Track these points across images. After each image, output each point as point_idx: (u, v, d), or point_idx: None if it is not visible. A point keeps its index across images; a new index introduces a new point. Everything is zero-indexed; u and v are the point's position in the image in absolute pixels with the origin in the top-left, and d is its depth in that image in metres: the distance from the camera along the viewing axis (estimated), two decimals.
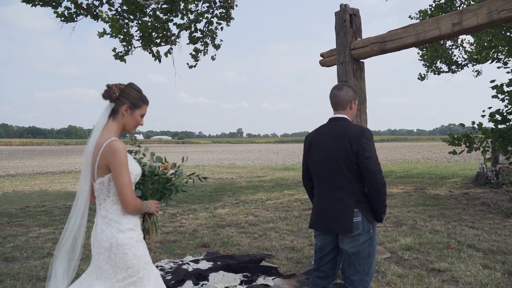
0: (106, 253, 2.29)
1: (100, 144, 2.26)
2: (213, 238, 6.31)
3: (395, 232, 6.22)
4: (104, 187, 2.30)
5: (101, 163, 2.26)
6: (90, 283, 2.31)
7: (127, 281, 2.31)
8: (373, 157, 2.62)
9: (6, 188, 14.75)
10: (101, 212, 2.34)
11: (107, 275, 2.29)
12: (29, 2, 9.19)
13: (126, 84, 2.43)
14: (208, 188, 13.44)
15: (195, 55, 12.52)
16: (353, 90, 2.91)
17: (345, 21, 4.67)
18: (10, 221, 8.09)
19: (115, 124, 2.38)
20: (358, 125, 2.84)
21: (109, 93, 2.36)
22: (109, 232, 2.29)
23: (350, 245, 2.68)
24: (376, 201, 2.66)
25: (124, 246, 2.29)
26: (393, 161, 26.38)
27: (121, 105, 2.37)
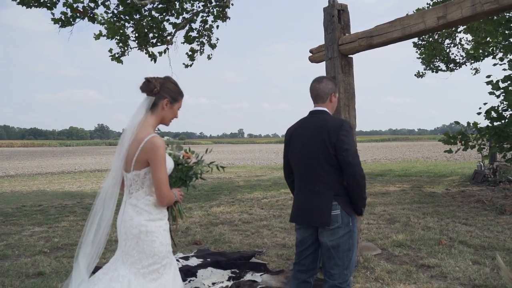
0: (134, 239, 2.36)
1: (140, 139, 2.32)
2: (205, 236, 6.30)
3: (388, 229, 6.20)
4: (139, 179, 2.37)
5: (141, 157, 2.32)
6: (116, 268, 2.37)
7: (151, 268, 2.37)
8: (351, 149, 2.60)
9: (4, 188, 14.75)
10: (131, 201, 2.41)
11: (133, 260, 2.35)
12: (24, 4, 9.20)
13: (164, 78, 2.48)
14: (206, 187, 13.42)
15: (191, 55, 12.52)
16: (333, 83, 2.89)
17: (333, 16, 4.65)
18: (5, 220, 8.10)
19: (153, 118, 2.44)
20: (338, 117, 2.83)
21: (150, 87, 2.40)
22: (139, 220, 2.36)
23: (329, 238, 2.67)
24: (355, 194, 2.64)
25: (153, 233, 2.37)
26: (392, 160, 26.35)
27: (161, 99, 2.43)
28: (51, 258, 5.19)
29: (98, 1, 10.67)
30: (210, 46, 12.79)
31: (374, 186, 11.98)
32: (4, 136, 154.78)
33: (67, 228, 7.11)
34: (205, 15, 12.28)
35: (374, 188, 11.47)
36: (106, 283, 2.31)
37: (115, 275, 2.33)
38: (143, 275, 2.35)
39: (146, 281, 2.35)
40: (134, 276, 2.33)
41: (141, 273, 2.35)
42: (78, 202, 10.37)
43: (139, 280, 2.33)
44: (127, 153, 2.37)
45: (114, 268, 2.37)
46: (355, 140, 2.70)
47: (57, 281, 4.29)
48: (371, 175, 15.70)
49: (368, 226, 6.52)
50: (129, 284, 2.31)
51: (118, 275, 2.33)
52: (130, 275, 2.33)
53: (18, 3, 9.07)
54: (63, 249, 5.68)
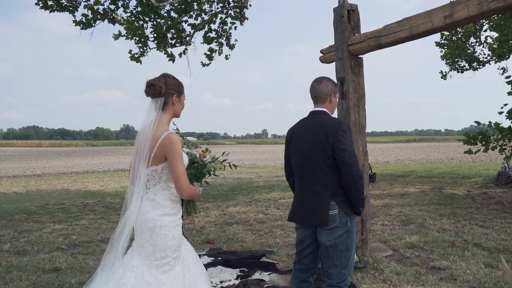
0: (148, 232, 2.48)
1: (158, 136, 2.45)
2: (219, 235, 6.37)
3: (402, 231, 6.14)
4: (157, 174, 2.51)
5: (158, 153, 2.46)
6: (131, 258, 2.50)
7: (164, 261, 2.49)
8: (349, 149, 2.61)
9: (30, 187, 15.22)
10: (148, 196, 2.53)
11: (147, 252, 2.48)
12: (47, 9, 9.49)
13: (163, 76, 2.59)
14: (225, 187, 13.53)
15: (209, 55, 12.62)
16: (333, 83, 2.90)
17: (342, 16, 4.64)
18: (28, 217, 8.37)
19: (166, 116, 2.57)
20: (336, 118, 2.83)
21: (157, 90, 2.52)
22: (154, 214, 2.49)
23: (327, 238, 2.68)
24: (352, 194, 2.64)
25: (166, 228, 2.50)
26: (415, 161, 25.92)
27: (170, 96, 2.56)
28: (68, 255, 5.35)
29: (118, 3, 10.91)
30: (228, 46, 12.86)
31: (394, 187, 11.83)
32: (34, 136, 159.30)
33: (86, 226, 7.30)
34: (223, 16, 12.38)
35: (393, 189, 11.33)
36: (122, 272, 2.45)
37: (130, 265, 2.48)
38: (156, 267, 2.47)
39: (159, 273, 2.47)
40: (147, 267, 2.46)
41: (154, 265, 2.47)
42: (99, 201, 10.61)
43: (152, 271, 2.46)
44: (147, 150, 2.50)
45: (130, 259, 2.51)
46: (352, 141, 2.69)
47: (71, 277, 4.43)
48: (392, 176, 15.51)
49: (382, 227, 6.47)
50: (142, 274, 2.44)
51: (133, 265, 2.47)
52: (143, 266, 2.47)
53: (41, 7, 9.36)
54: (80, 246, 5.84)
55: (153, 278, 2.44)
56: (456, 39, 15.30)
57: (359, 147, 4.62)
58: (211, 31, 12.21)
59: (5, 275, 4.57)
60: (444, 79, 17.51)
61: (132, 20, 10.88)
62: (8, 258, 5.26)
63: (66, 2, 9.71)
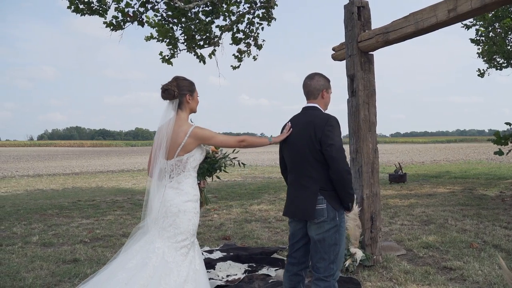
0: (172, 217, 2.74)
1: (186, 131, 2.77)
2: (236, 232, 6.46)
3: (420, 230, 6.02)
4: (182, 164, 2.80)
5: (187, 145, 2.77)
6: (152, 240, 2.74)
7: (183, 243, 2.74)
8: (336, 144, 2.62)
9: (67, 184, 15.88)
10: (172, 184, 2.80)
11: (168, 235, 2.73)
12: (78, 12, 9.88)
13: (174, 80, 2.88)
14: (253, 186, 13.63)
15: (239, 57, 12.73)
16: (325, 79, 2.92)
17: (352, 13, 4.62)
18: (60, 212, 8.77)
19: (184, 113, 2.88)
20: (325, 113, 2.84)
21: (171, 93, 2.82)
22: (179, 200, 2.76)
23: (316, 232, 2.70)
24: (340, 188, 2.66)
25: (189, 213, 2.78)
26: (452, 162, 25.12)
27: (183, 97, 2.86)
28: (89, 247, 5.59)
29: (147, 6, 11.21)
30: (256, 46, 12.92)
31: (423, 188, 11.56)
32: (76, 137, 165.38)
33: (111, 221, 7.58)
34: (251, 16, 12.47)
35: (421, 190, 11.08)
36: (144, 254, 2.69)
37: (151, 247, 2.71)
38: (175, 249, 2.71)
39: (178, 254, 2.71)
40: (167, 249, 2.70)
41: (174, 247, 2.71)
42: (128, 198, 10.96)
43: (171, 253, 2.70)
44: (169, 144, 2.78)
45: (151, 241, 2.73)
46: (340, 136, 2.70)
47: (87, 267, 4.64)
48: (425, 176, 15.14)
49: (401, 226, 6.36)
50: (163, 255, 2.68)
51: (154, 247, 2.71)
52: (164, 247, 2.70)
53: (73, 11, 9.76)
54: (101, 240, 6.08)
55: (172, 258, 2.68)
56: (493, 35, 14.75)
57: (369, 144, 4.58)
58: (239, 32, 12.33)
59: (28, 264, 4.84)
60: (481, 77, 16.91)
61: (162, 23, 11.14)
62: (34, 249, 5.56)
63: (96, 5, 10.07)
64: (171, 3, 10.86)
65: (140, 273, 2.55)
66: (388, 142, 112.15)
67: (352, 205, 2.75)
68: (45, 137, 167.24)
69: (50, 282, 4.20)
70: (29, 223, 7.52)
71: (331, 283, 2.68)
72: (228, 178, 17.19)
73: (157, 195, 2.79)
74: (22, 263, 4.87)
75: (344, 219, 2.78)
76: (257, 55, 13.02)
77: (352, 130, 4.67)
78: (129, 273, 2.55)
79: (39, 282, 4.20)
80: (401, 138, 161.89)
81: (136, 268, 2.58)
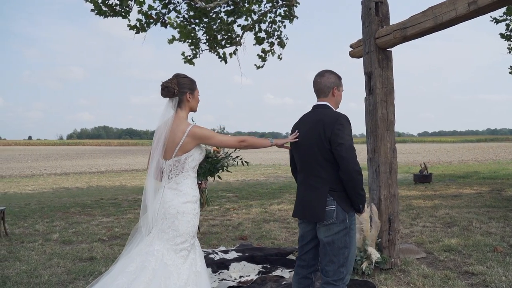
0: (171, 219, 2.67)
1: (183, 130, 2.68)
2: (253, 232, 6.41)
3: (442, 233, 5.82)
4: (180, 164, 2.71)
5: (185, 144, 2.68)
6: (151, 243, 2.68)
7: (182, 246, 2.67)
8: (346, 143, 2.52)
9: (92, 183, 16.19)
10: (170, 185, 2.73)
11: (167, 237, 2.66)
12: (101, 14, 10.03)
13: (175, 76, 2.80)
14: (275, 186, 13.56)
15: (263, 57, 12.66)
16: (335, 76, 2.82)
17: (370, 9, 4.49)
18: (82, 210, 8.92)
19: (184, 112, 2.79)
20: (336, 111, 2.74)
21: (171, 91, 2.74)
22: (177, 202, 2.69)
23: (325, 234, 2.61)
24: (350, 189, 2.56)
25: (188, 214, 2.70)
26: (481, 162, 24.39)
27: (183, 95, 2.77)
28: (106, 245, 5.64)
29: (169, 7, 11.29)
30: (279, 45, 12.82)
31: (449, 188, 11.25)
32: (104, 136, 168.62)
33: (130, 219, 7.65)
34: (273, 15, 12.39)
35: (447, 190, 10.77)
36: (143, 257, 2.64)
37: (150, 249, 2.65)
38: (175, 251, 2.65)
39: (177, 257, 2.65)
40: (167, 251, 2.63)
41: (173, 249, 2.64)
42: None
43: (171, 255, 2.63)
44: (167, 144, 2.70)
45: (150, 244, 2.68)
46: (350, 135, 2.60)
47: (103, 265, 4.66)
48: (452, 177, 14.75)
49: (422, 228, 6.17)
50: (162, 257, 2.62)
51: (153, 249, 2.65)
52: (163, 250, 2.63)
53: (96, 13, 9.91)
54: (119, 238, 6.13)
55: (171, 261, 2.62)
56: None
57: (387, 144, 4.45)
58: (261, 31, 12.27)
59: (46, 261, 4.91)
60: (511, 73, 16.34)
61: (184, 24, 11.18)
62: (54, 247, 5.65)
63: (119, 8, 10.19)
64: (192, 4, 10.90)
65: (140, 277, 2.50)
66: (415, 141, 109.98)
67: (363, 207, 2.65)
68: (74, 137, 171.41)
69: (65, 280, 4.24)
70: (52, 220, 7.67)
71: (340, 287, 2.59)
72: (250, 178, 17.18)
73: (156, 195, 2.74)
74: (40, 260, 4.95)
75: (355, 221, 2.68)
76: (281, 54, 12.92)
77: (370, 129, 4.54)
78: (129, 277, 2.51)
79: (55, 280, 4.24)
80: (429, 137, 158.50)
81: (135, 272, 2.54)
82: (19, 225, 7.31)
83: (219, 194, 11.40)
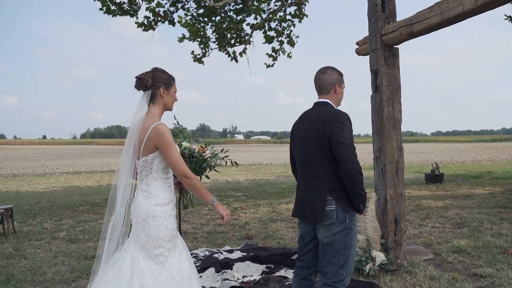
0: (142, 223, 2.53)
1: (146, 128, 2.49)
2: (260, 231, 6.36)
3: (451, 234, 5.71)
4: (148, 165, 2.54)
5: (148, 144, 2.49)
6: (127, 248, 2.57)
7: (157, 251, 2.51)
8: (345, 142, 2.46)
9: (103, 181, 16.29)
10: (142, 187, 2.58)
11: (141, 242, 2.52)
12: (110, 13, 10.06)
13: (152, 70, 2.64)
14: (284, 185, 13.50)
15: (274, 56, 12.59)
16: (337, 73, 2.76)
17: (376, 5, 4.41)
18: (91, 209, 8.96)
19: (156, 108, 2.60)
20: (336, 109, 2.67)
21: (143, 83, 2.57)
22: (147, 205, 2.52)
23: (324, 235, 2.55)
24: (350, 189, 2.49)
25: (158, 218, 2.52)
26: (495, 162, 23.99)
27: (157, 89, 2.59)
28: None
29: (178, 5, 11.28)
30: (289, 44, 12.74)
31: (461, 188, 11.07)
32: (117, 135, 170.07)
33: None
34: (282, 14, 12.32)
35: (459, 190, 10.59)
36: (120, 264, 2.51)
37: (127, 256, 2.52)
38: (151, 257, 2.50)
39: (154, 263, 2.50)
40: (142, 258, 2.49)
41: (149, 255, 2.50)
42: None
43: (147, 261, 2.49)
44: (137, 142, 2.54)
45: (126, 249, 2.56)
46: (350, 133, 2.53)
47: None
48: (464, 176, 14.52)
49: (431, 229, 6.06)
50: (138, 263, 2.47)
51: (130, 255, 2.51)
52: (139, 256, 2.50)
53: (104, 12, 9.94)
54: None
55: (147, 267, 2.47)
56: None
57: (393, 142, 4.36)
58: (271, 30, 12.20)
59: (51, 259, 4.93)
60: None
61: (193, 23, 11.16)
62: (60, 245, 5.67)
63: (127, 6, 10.22)
64: (201, 2, 10.88)
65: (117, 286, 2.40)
66: (428, 141, 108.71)
67: (363, 207, 2.58)
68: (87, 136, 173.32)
69: (69, 278, 4.25)
70: (60, 219, 7.72)
71: None
72: (260, 177, 17.13)
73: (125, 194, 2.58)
74: (46, 258, 4.97)
75: (355, 221, 2.62)
76: (290, 53, 12.84)
77: (376, 128, 4.46)
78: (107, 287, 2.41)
79: (58, 278, 4.25)
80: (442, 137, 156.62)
81: (113, 281, 2.43)
82: (28, 223, 7.36)
83: (228, 193, 11.38)
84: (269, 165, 25.86)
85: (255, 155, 40.65)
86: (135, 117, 2.60)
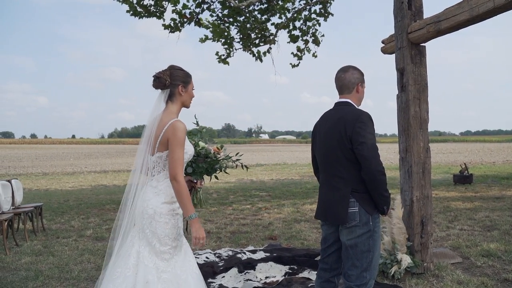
0: (149, 219, 2.52)
1: (164, 124, 2.51)
2: (284, 232, 6.33)
3: (481, 237, 5.54)
4: (161, 161, 2.54)
5: (163, 139, 2.50)
6: (133, 243, 2.57)
7: (163, 248, 2.51)
8: (368, 142, 2.40)
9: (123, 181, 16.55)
10: (152, 183, 2.58)
11: (147, 238, 2.52)
12: (137, 15, 10.22)
13: (169, 68, 2.66)
14: (309, 185, 13.42)
15: (299, 55, 12.52)
16: (359, 72, 2.71)
17: (402, 3, 4.31)
18: (117, 207, 9.05)
19: (174, 106, 2.62)
20: (358, 109, 2.62)
21: (162, 82, 2.59)
22: (155, 201, 2.52)
23: (348, 237, 2.51)
24: (373, 190, 2.44)
25: (166, 216, 2.52)
26: None
27: (175, 87, 2.61)
28: None
29: (203, 6, 11.35)
30: (314, 43, 12.65)
31: (491, 190, 10.74)
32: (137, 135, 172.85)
33: None
34: (307, 13, 12.24)
35: (489, 192, 10.29)
36: (125, 259, 2.52)
37: (132, 250, 2.53)
38: (156, 254, 2.49)
39: (159, 260, 2.49)
40: (148, 253, 2.49)
41: (154, 251, 2.49)
42: None
43: (152, 257, 2.49)
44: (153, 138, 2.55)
45: (132, 244, 2.56)
46: (373, 133, 2.47)
47: None
48: (495, 178, 14.09)
49: (459, 231, 5.90)
50: (143, 259, 2.47)
51: (135, 250, 2.52)
52: (145, 251, 2.50)
53: (131, 14, 10.10)
54: None
55: (152, 264, 2.47)
56: None
57: (420, 143, 4.26)
58: (295, 29, 12.14)
59: (78, 257, 5.04)
60: None
61: (218, 23, 11.19)
62: (86, 243, 5.79)
63: (153, 8, 10.35)
64: (226, 2, 10.91)
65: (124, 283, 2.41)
66: (457, 141, 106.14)
67: (387, 208, 2.52)
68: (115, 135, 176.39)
69: (94, 276, 4.32)
70: (87, 217, 7.88)
71: None
72: (285, 177, 17.09)
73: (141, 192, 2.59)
74: (72, 256, 5.08)
75: (379, 224, 2.56)
76: (315, 52, 12.74)
77: (402, 128, 4.37)
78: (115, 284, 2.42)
79: (84, 275, 4.34)
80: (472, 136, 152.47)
81: (120, 277, 2.43)
82: (56, 221, 7.55)
83: (252, 193, 11.38)
84: (294, 165, 25.76)
85: (280, 155, 40.63)
86: (152, 115, 2.62)
